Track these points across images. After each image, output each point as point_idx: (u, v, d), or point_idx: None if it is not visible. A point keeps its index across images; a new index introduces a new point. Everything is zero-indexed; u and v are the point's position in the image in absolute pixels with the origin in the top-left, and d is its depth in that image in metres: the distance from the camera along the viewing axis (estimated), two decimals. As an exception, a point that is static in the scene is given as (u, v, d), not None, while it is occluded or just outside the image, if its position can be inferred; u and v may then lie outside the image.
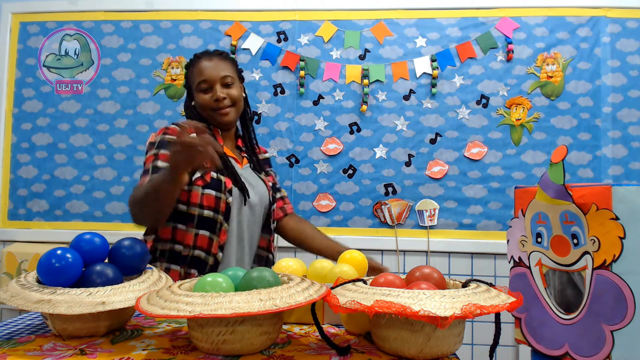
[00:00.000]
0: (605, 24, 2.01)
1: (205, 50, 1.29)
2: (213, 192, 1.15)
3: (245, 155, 1.32)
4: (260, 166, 1.34)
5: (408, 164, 2.05)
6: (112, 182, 2.14)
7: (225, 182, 1.16)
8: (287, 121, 2.10)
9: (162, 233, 1.19)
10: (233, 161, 1.24)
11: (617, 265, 0.88)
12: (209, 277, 0.70)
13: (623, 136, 1.98)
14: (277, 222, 1.37)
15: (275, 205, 1.34)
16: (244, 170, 1.27)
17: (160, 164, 1.12)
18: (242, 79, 1.30)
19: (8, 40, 2.21)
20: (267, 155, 1.43)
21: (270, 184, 1.33)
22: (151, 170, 1.12)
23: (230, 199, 1.16)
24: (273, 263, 1.30)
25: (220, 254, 1.16)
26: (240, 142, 1.33)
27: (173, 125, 1.21)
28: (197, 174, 1.14)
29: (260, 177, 1.30)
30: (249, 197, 1.20)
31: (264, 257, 1.30)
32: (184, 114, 2.13)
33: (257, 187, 1.25)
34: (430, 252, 2.01)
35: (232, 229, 1.19)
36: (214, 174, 1.15)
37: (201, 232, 1.14)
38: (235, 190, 1.18)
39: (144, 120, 2.15)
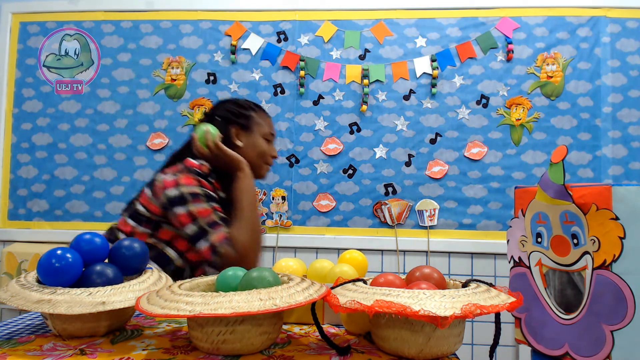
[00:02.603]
0: (605, 24, 2.01)
1: (258, 105, 1.30)
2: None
3: None
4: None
5: (408, 164, 2.05)
6: (112, 182, 2.15)
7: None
8: (287, 121, 2.10)
9: (162, 234, 1.16)
10: None
11: (617, 265, 0.88)
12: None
13: (623, 136, 1.98)
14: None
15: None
16: None
17: (223, 215, 1.08)
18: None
19: (8, 40, 2.21)
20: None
21: None
22: (220, 219, 1.06)
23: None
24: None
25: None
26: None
27: (196, 179, 1.10)
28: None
29: None
30: None
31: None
32: (184, 114, 2.13)
33: None
34: (430, 252, 2.01)
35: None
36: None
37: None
38: None
39: (144, 120, 2.15)
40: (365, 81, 2.06)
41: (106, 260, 0.81)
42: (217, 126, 1.19)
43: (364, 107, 2.05)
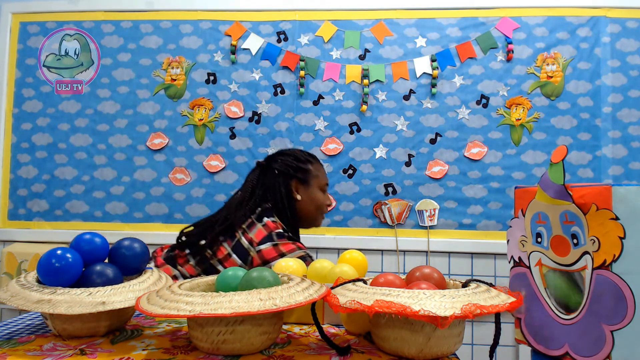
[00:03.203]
0: (605, 24, 2.01)
1: (312, 154, 1.34)
2: None
3: None
4: None
5: (408, 164, 2.05)
6: (112, 182, 2.15)
7: None
8: (287, 121, 2.10)
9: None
10: None
11: (617, 265, 0.88)
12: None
13: (623, 136, 1.98)
14: None
15: None
16: None
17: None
18: None
19: (8, 40, 2.21)
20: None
21: None
22: (306, 255, 1.14)
23: None
24: None
25: None
26: None
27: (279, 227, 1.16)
28: None
29: None
30: None
31: None
32: (184, 114, 2.13)
33: None
34: (430, 252, 2.01)
35: None
36: None
37: None
38: None
39: (144, 120, 2.15)
40: (365, 81, 2.06)
41: (106, 260, 0.81)
42: (276, 179, 1.22)
43: (364, 107, 2.05)
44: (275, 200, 1.21)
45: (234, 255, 1.12)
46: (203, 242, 1.14)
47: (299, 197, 1.22)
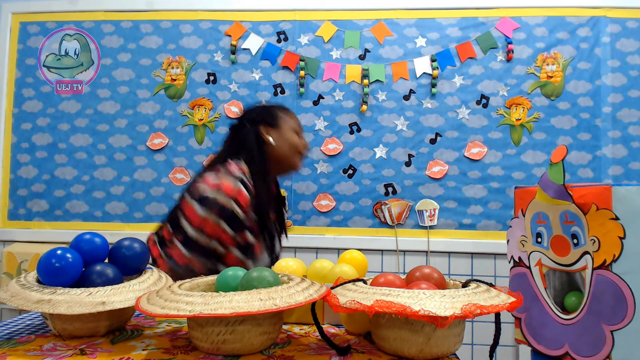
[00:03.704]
0: (605, 24, 2.01)
1: (282, 105, 1.33)
2: (239, 255, 1.09)
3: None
4: (283, 225, 1.33)
5: (408, 164, 2.05)
6: (112, 182, 2.15)
7: (255, 248, 1.11)
8: (287, 121, 2.10)
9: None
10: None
11: (617, 265, 0.88)
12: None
13: (623, 136, 1.98)
14: None
15: None
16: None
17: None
18: None
19: (8, 40, 2.21)
20: (285, 199, 1.42)
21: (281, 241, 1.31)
22: (223, 245, 1.09)
23: (251, 265, 1.11)
24: None
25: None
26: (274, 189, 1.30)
27: (244, 191, 1.08)
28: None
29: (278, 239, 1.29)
30: (274, 263, 1.19)
31: None
32: (184, 114, 2.13)
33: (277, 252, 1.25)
34: (430, 252, 2.01)
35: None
36: (251, 239, 1.09)
37: None
38: (265, 261, 1.15)
39: (144, 120, 2.15)
40: (365, 81, 2.06)
41: (106, 260, 0.81)
42: (245, 130, 1.22)
43: (364, 107, 2.05)
44: (247, 150, 1.19)
45: (188, 197, 1.08)
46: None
47: (270, 139, 1.21)
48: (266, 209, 1.13)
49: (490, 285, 0.70)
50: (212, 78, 2.13)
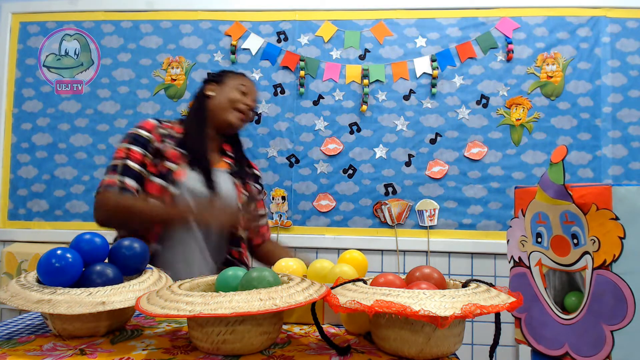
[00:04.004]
0: (605, 24, 2.01)
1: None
2: (161, 181, 1.17)
3: (228, 161, 1.34)
4: (242, 175, 1.34)
5: (408, 164, 2.05)
6: (112, 182, 2.14)
7: (174, 174, 1.18)
8: (287, 121, 2.10)
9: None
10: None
11: (617, 265, 0.88)
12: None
13: (623, 136, 1.98)
14: (255, 247, 1.42)
15: (259, 230, 1.40)
16: (217, 172, 1.27)
17: (131, 163, 1.18)
18: None
19: (8, 40, 2.21)
20: (256, 172, 1.44)
21: (244, 194, 1.32)
22: (120, 170, 1.18)
23: (176, 191, 1.16)
24: None
25: (159, 247, 1.17)
26: (226, 146, 1.36)
27: (151, 120, 1.25)
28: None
29: (234, 184, 1.30)
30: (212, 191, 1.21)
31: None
32: (184, 113, 2.13)
33: (224, 192, 1.25)
34: (430, 252, 2.01)
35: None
36: (172, 165, 1.19)
37: None
38: (192, 186, 1.18)
39: (144, 120, 2.15)
40: (365, 81, 2.06)
41: (106, 260, 0.81)
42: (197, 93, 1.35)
43: (364, 107, 2.05)
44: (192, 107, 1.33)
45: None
46: None
47: (211, 93, 1.31)
48: (197, 148, 1.23)
49: (490, 285, 0.70)
50: (212, 78, 2.13)
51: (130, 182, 1.16)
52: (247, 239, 1.36)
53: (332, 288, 0.74)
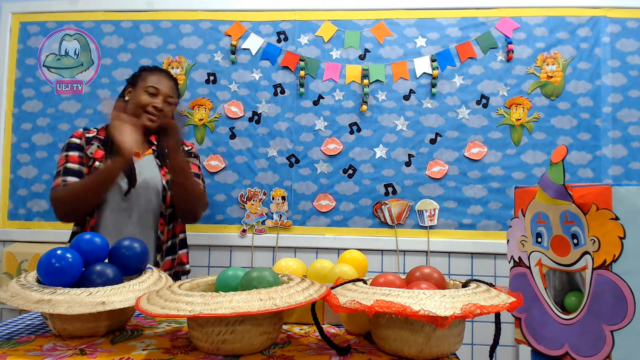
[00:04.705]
0: (605, 24, 2.01)
1: (155, 66, 1.57)
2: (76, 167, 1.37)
3: (153, 147, 1.50)
4: (163, 159, 1.50)
5: (408, 164, 2.05)
6: (112, 182, 2.14)
7: (94, 154, 1.39)
8: (287, 121, 2.10)
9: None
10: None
11: (617, 265, 0.88)
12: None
13: (623, 136, 1.98)
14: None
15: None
16: (142, 160, 1.45)
17: (70, 165, 1.36)
18: (179, 96, 1.60)
19: (8, 40, 2.21)
20: (188, 148, 1.61)
21: (168, 174, 1.47)
22: (63, 172, 1.36)
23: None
24: (161, 249, 1.45)
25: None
26: (152, 137, 1.52)
27: (79, 130, 1.45)
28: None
29: (158, 165, 1.47)
30: (134, 184, 1.39)
31: (160, 241, 1.45)
32: (184, 114, 2.13)
33: (146, 173, 1.43)
34: (430, 252, 2.01)
35: (112, 207, 1.39)
36: (97, 163, 1.37)
37: None
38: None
39: (144, 120, 2.15)
40: (365, 81, 2.06)
41: (106, 260, 0.81)
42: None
43: (364, 107, 2.05)
44: None
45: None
46: None
47: (127, 97, 1.46)
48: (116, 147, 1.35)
49: (490, 285, 0.70)
50: (212, 78, 2.13)
51: (72, 179, 1.34)
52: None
53: (332, 288, 0.74)
